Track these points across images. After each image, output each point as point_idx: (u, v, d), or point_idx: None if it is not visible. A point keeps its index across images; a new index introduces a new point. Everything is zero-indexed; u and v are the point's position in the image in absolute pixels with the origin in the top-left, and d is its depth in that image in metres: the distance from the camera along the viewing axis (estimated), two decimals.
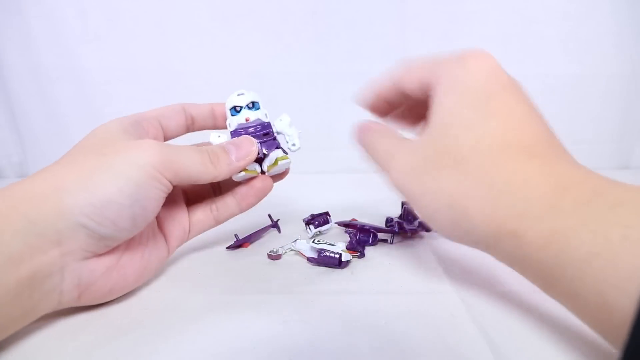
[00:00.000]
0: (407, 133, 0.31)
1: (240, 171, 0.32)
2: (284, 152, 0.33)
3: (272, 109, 0.35)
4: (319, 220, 0.41)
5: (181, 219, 0.33)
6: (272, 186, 0.34)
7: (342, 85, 0.30)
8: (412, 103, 0.30)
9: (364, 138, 0.31)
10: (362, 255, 0.35)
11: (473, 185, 0.22)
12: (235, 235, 0.38)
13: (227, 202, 0.34)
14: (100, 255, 0.26)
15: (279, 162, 0.33)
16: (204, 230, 0.34)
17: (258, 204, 0.35)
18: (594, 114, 0.69)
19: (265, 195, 0.34)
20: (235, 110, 0.33)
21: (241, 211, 0.34)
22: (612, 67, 0.66)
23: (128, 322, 0.26)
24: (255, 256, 0.36)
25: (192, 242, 0.35)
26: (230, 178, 0.32)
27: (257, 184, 0.34)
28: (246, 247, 0.38)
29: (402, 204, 0.40)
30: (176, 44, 0.65)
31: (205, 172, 0.29)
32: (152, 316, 0.27)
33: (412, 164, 0.26)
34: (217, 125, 0.35)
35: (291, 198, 0.37)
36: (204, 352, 0.23)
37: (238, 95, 0.33)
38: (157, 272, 0.31)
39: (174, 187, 0.33)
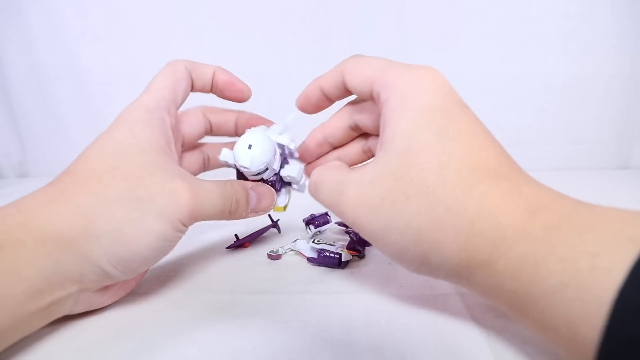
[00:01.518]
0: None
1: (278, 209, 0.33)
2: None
3: (272, 109, 0.35)
4: (319, 220, 0.41)
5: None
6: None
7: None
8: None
9: (311, 182, 0.28)
10: (362, 255, 0.35)
11: (443, 216, 0.21)
12: (235, 235, 0.38)
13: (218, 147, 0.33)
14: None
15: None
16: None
17: None
18: (594, 114, 0.69)
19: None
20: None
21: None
22: (612, 67, 0.66)
23: (128, 322, 0.26)
24: (255, 256, 0.36)
25: (192, 242, 0.35)
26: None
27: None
28: (246, 247, 0.38)
29: None
30: (176, 44, 0.65)
31: (220, 217, 0.28)
32: (152, 316, 0.27)
33: (370, 194, 0.23)
34: (239, 134, 0.34)
35: (291, 198, 0.37)
36: (204, 352, 0.23)
37: (244, 150, 0.29)
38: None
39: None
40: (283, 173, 0.32)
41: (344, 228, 0.41)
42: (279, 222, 0.42)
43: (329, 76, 0.28)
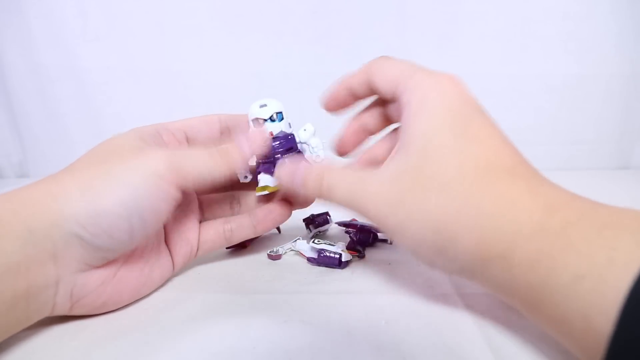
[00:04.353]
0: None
1: (262, 187, 0.31)
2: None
3: None
4: (319, 220, 0.41)
5: (190, 236, 0.32)
6: (290, 213, 0.33)
7: None
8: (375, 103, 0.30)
9: (315, 181, 0.27)
10: (362, 255, 0.35)
11: (460, 209, 0.21)
12: None
13: (243, 223, 0.33)
14: (96, 268, 0.26)
15: None
16: (213, 250, 0.33)
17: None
18: (594, 114, 0.69)
19: (283, 221, 0.33)
20: (258, 122, 0.32)
21: (256, 234, 0.34)
22: (612, 67, 0.66)
23: (128, 322, 0.26)
24: (255, 256, 0.36)
25: None
26: (253, 196, 0.32)
27: (277, 209, 0.33)
28: (246, 247, 0.38)
29: None
30: (176, 44, 0.65)
31: (216, 167, 0.28)
32: (152, 316, 0.27)
33: (391, 191, 0.24)
34: None
35: None
36: (204, 352, 0.23)
37: (260, 106, 0.31)
38: (158, 285, 0.30)
39: (191, 201, 0.32)
40: (302, 136, 0.32)
41: (344, 228, 0.41)
42: None
43: (358, 74, 0.28)
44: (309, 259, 0.34)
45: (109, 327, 0.26)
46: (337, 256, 0.33)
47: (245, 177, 0.33)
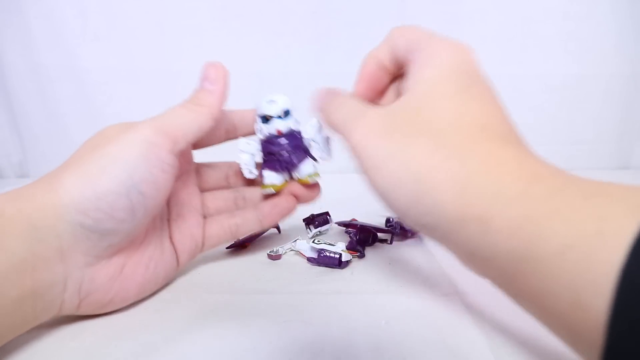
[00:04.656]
0: None
1: (268, 186, 0.32)
2: (314, 159, 0.32)
3: None
4: (319, 220, 0.41)
5: (194, 232, 0.32)
6: (296, 206, 0.33)
7: (342, 85, 0.30)
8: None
9: (327, 100, 0.29)
10: (362, 255, 0.35)
11: (446, 159, 0.21)
12: None
13: (248, 217, 0.33)
14: (103, 262, 0.26)
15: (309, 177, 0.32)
16: (219, 245, 0.33)
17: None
18: (594, 114, 0.69)
19: (289, 214, 0.33)
20: (266, 119, 0.31)
21: (261, 228, 0.34)
22: (612, 67, 0.66)
23: (128, 322, 0.26)
24: (255, 256, 0.36)
25: None
26: (257, 191, 0.32)
27: (282, 203, 0.33)
28: (246, 247, 0.38)
29: None
30: (176, 44, 0.65)
31: (198, 117, 0.28)
32: (152, 316, 0.27)
33: (384, 123, 0.24)
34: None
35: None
36: (204, 352, 0.23)
37: (268, 102, 0.31)
38: (164, 283, 0.30)
39: (194, 196, 0.32)
40: (308, 133, 0.32)
41: (344, 228, 0.41)
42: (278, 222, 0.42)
43: (381, 44, 0.28)
44: (309, 259, 0.34)
45: (110, 327, 0.26)
46: (337, 256, 0.33)
47: (251, 172, 0.33)
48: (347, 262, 0.34)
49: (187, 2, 0.63)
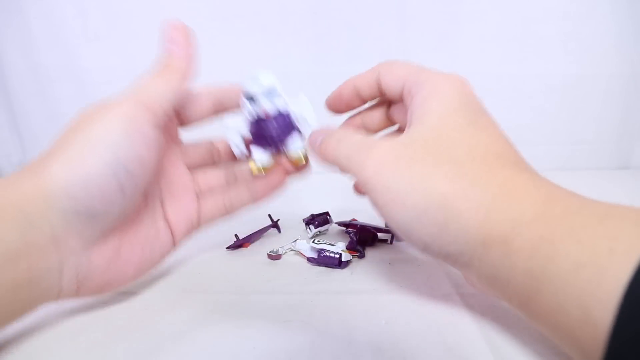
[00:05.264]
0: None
1: (258, 169, 0.32)
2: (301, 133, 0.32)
3: None
4: (319, 220, 0.41)
5: (189, 209, 0.32)
6: (286, 180, 0.34)
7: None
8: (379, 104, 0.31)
9: (321, 138, 0.28)
10: (362, 255, 0.35)
11: (468, 187, 0.21)
12: (235, 235, 0.38)
13: (241, 193, 0.33)
14: (98, 246, 0.26)
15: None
16: (214, 220, 0.34)
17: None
18: (594, 114, 0.69)
19: (279, 187, 0.34)
20: (252, 98, 0.30)
21: (254, 201, 0.34)
22: (612, 67, 0.66)
23: (128, 322, 0.26)
24: (255, 256, 0.36)
25: (192, 241, 0.35)
26: (248, 167, 0.32)
27: (273, 177, 0.33)
28: (246, 247, 0.38)
29: None
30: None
31: (171, 82, 0.28)
32: (152, 316, 0.27)
33: (399, 155, 0.23)
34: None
35: (291, 198, 0.37)
36: (204, 352, 0.23)
37: (252, 79, 0.30)
38: (160, 262, 0.30)
39: (185, 175, 0.32)
40: (296, 110, 0.31)
41: (344, 228, 0.41)
42: (279, 222, 0.42)
43: (365, 74, 0.29)
44: (309, 259, 0.34)
45: (109, 327, 0.26)
46: (337, 256, 0.33)
47: (241, 151, 0.32)
48: (347, 262, 0.34)
49: (187, 2, 0.63)
